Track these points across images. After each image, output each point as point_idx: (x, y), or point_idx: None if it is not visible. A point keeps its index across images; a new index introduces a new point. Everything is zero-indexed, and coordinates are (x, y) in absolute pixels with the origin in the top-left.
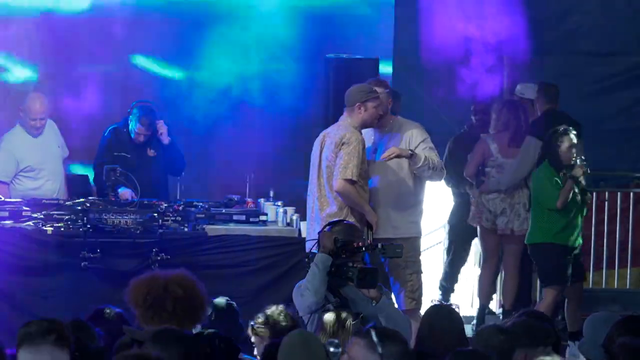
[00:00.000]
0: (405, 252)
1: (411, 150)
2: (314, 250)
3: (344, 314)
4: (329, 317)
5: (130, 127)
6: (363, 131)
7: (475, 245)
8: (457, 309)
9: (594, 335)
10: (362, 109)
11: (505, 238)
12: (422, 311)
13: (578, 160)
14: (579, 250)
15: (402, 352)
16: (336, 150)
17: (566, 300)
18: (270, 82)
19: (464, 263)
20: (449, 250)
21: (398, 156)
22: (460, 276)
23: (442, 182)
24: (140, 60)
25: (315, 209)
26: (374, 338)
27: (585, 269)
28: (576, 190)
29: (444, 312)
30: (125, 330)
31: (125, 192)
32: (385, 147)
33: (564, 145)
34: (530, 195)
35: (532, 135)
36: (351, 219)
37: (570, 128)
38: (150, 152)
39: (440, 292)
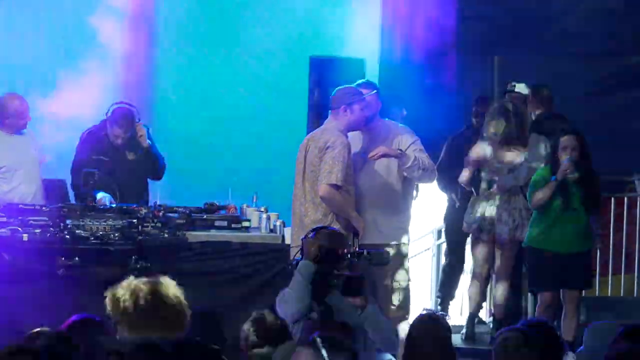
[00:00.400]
0: (392, 258)
1: (400, 150)
2: (298, 257)
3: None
4: None
5: (108, 129)
6: (350, 134)
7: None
8: (446, 318)
9: (594, 344)
10: (348, 111)
11: (498, 245)
12: (410, 320)
13: (566, 160)
14: (576, 257)
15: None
16: (320, 154)
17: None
18: (253, 83)
19: (462, 266)
20: (446, 253)
21: (386, 155)
22: (460, 280)
23: (431, 187)
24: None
25: (300, 215)
26: (320, 347)
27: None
28: (568, 192)
29: (431, 321)
30: (101, 340)
31: (103, 198)
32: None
33: (560, 146)
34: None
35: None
36: (336, 225)
37: (568, 129)
38: (129, 156)
39: (438, 302)
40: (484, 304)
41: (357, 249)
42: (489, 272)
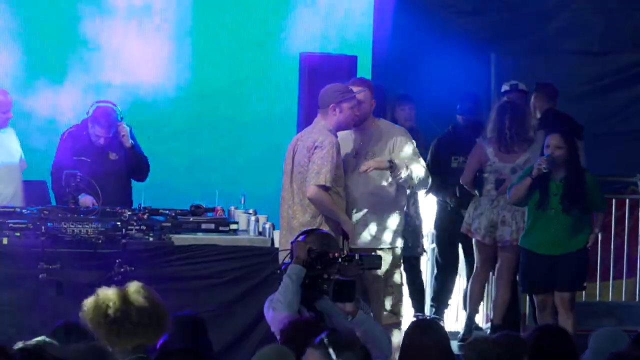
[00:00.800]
0: (385, 263)
1: (390, 162)
2: (287, 261)
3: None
4: None
5: (89, 129)
6: (342, 134)
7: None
8: (441, 324)
9: (599, 351)
10: (336, 110)
11: (500, 247)
12: (403, 326)
13: (545, 156)
14: (563, 257)
15: (361, 358)
16: (309, 154)
17: None
18: (241, 81)
19: (455, 271)
20: (436, 261)
21: (376, 169)
22: (454, 287)
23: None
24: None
25: (288, 218)
26: (329, 347)
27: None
28: (548, 192)
29: (427, 327)
30: (43, 350)
31: (86, 200)
32: (367, 151)
33: (545, 144)
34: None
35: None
36: (325, 228)
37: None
38: (112, 156)
39: (433, 310)
40: (480, 308)
41: (348, 253)
42: (489, 275)
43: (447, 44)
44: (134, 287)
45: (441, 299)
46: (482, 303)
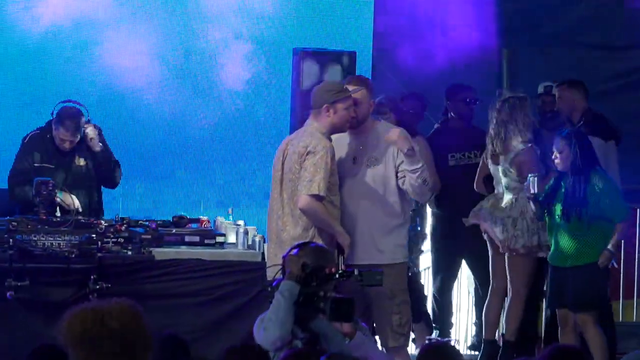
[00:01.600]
0: (391, 279)
1: (412, 150)
2: (279, 277)
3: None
4: None
5: (53, 132)
6: (338, 137)
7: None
8: (456, 345)
9: None
10: (330, 111)
11: (510, 255)
12: (410, 348)
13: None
14: (569, 271)
15: None
16: (300, 160)
17: None
18: (230, 78)
19: (451, 289)
20: (434, 277)
21: (397, 143)
22: (453, 305)
23: None
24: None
25: (277, 230)
26: None
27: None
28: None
29: (442, 351)
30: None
31: (66, 197)
32: (367, 157)
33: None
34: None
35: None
36: (319, 241)
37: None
38: (79, 161)
39: (437, 333)
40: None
41: (346, 268)
42: (506, 292)
43: (454, 37)
44: (114, 309)
45: (444, 320)
46: None
